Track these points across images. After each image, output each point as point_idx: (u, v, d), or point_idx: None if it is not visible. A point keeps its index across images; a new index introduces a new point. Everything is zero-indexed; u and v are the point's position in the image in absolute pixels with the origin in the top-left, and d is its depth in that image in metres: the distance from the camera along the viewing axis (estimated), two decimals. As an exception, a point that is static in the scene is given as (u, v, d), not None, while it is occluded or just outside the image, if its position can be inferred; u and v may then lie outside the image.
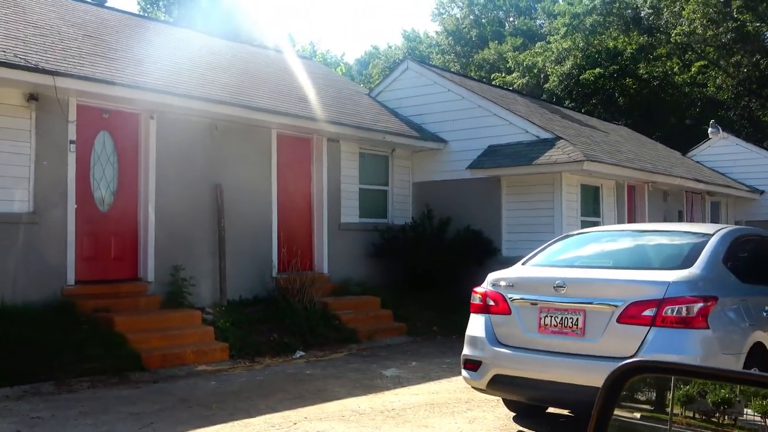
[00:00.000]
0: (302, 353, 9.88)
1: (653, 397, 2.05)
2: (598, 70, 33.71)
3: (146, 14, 38.44)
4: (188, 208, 10.74)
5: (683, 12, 31.94)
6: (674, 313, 5.14)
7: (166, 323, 9.52)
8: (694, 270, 5.52)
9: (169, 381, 8.09)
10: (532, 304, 5.79)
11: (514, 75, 38.41)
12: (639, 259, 6.24)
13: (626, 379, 1.39)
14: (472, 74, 39.95)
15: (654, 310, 5.18)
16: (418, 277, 13.17)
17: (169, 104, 10.18)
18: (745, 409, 1.76)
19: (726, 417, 1.79)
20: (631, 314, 5.27)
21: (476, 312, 6.18)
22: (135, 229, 10.32)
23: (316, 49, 49.51)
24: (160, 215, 10.37)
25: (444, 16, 52.12)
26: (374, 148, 13.96)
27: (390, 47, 54.57)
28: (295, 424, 6.30)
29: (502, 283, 6.04)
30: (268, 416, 6.52)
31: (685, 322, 5.12)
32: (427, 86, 15.40)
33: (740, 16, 32.34)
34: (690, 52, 35.30)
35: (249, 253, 11.48)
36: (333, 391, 7.65)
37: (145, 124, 10.37)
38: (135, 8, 44.36)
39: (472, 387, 6.16)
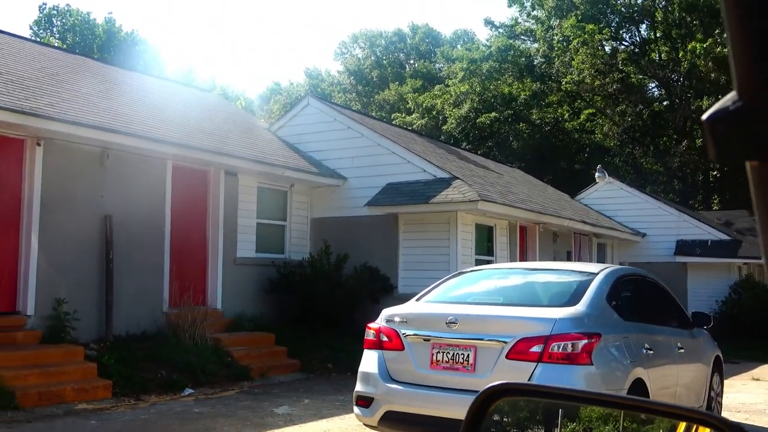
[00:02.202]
0: (191, 391, 9.55)
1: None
2: (493, 114, 34.92)
3: (38, 39, 37.06)
4: (75, 239, 10.29)
5: (573, 62, 33.63)
6: (560, 350, 5.28)
7: (45, 359, 9.00)
8: (580, 307, 5.70)
9: (46, 420, 7.62)
10: (425, 340, 5.83)
11: (413, 116, 39.22)
12: (528, 297, 6.40)
13: (492, 402, 1.39)
14: (373, 114, 40.50)
15: (541, 346, 5.31)
16: (314, 314, 13.04)
17: (57, 131, 9.76)
18: None
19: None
20: (519, 350, 5.38)
21: (370, 348, 6.16)
22: (14, 260, 9.76)
23: (216, 82, 48.96)
24: (44, 246, 9.87)
25: (346, 56, 52.81)
26: (273, 182, 13.84)
27: (292, 84, 54.62)
28: (181, 465, 6.05)
29: (396, 319, 6.06)
30: (151, 457, 6.24)
31: (570, 359, 5.27)
32: (327, 123, 15.47)
33: (625, 68, 34.38)
34: (579, 101, 37.10)
35: (139, 286, 11.07)
36: (221, 430, 7.41)
37: (30, 151, 9.89)
38: (27, 32, 42.74)
39: (364, 424, 6.12)
